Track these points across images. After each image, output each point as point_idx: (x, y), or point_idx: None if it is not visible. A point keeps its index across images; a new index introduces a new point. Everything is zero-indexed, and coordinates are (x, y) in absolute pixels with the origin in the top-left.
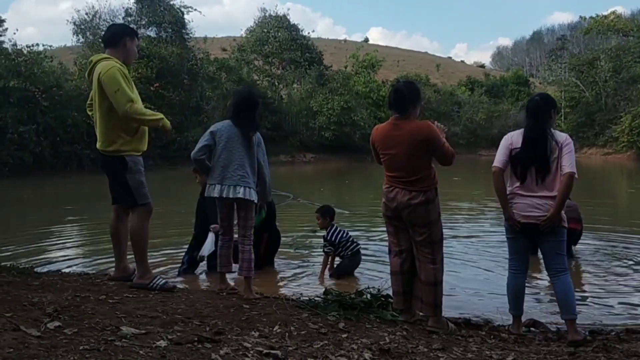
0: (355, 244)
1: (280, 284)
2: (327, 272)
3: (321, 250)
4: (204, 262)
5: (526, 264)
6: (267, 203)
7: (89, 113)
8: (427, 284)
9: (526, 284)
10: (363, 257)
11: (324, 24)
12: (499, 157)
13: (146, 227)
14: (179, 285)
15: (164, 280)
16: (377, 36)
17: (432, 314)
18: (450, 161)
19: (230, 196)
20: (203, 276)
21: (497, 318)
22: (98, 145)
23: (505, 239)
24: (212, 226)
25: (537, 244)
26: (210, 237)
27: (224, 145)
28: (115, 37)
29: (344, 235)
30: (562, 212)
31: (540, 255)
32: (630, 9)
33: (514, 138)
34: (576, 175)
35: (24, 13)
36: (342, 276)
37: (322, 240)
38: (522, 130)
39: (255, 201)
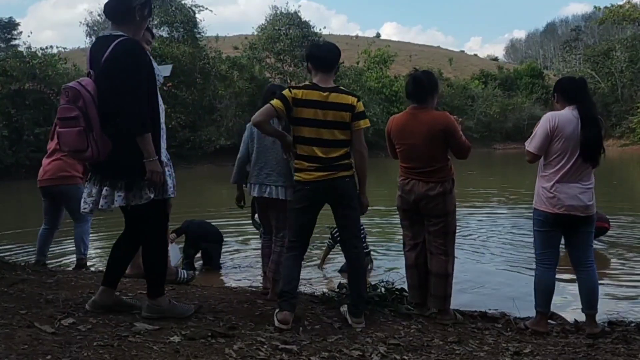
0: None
1: None
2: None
3: (334, 246)
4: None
5: (558, 258)
6: None
7: None
8: (438, 276)
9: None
10: (376, 252)
11: (338, 20)
12: (538, 143)
13: None
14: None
15: (185, 272)
16: (391, 31)
17: (441, 307)
18: (466, 155)
19: (255, 194)
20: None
21: (514, 310)
22: None
23: (534, 232)
24: (169, 236)
25: (568, 236)
26: (171, 247)
27: (253, 142)
28: None
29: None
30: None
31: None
32: None
33: (560, 122)
34: None
35: (42, 17)
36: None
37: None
38: (566, 112)
39: (282, 198)
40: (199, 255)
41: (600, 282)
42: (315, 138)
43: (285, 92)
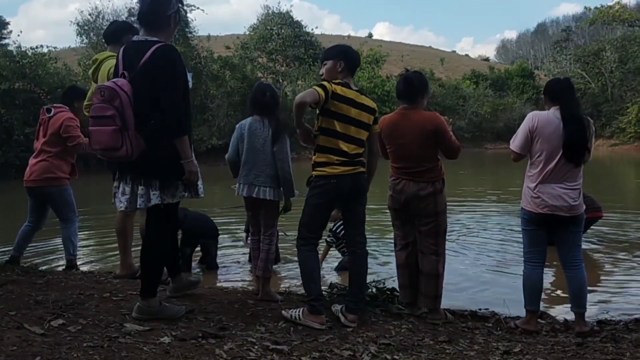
0: None
1: (285, 278)
2: (329, 267)
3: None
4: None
5: (545, 256)
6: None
7: (86, 114)
8: (429, 276)
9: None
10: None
11: (331, 20)
12: (519, 142)
13: None
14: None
15: None
16: (383, 31)
17: (431, 306)
18: (456, 155)
19: (244, 195)
20: (207, 273)
21: (504, 310)
22: None
23: (522, 231)
24: None
25: (555, 235)
26: None
27: (243, 143)
28: (115, 34)
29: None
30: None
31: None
32: None
33: (540, 122)
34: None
35: (33, 16)
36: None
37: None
38: (548, 112)
39: (270, 198)
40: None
41: (589, 281)
42: (344, 133)
43: (326, 84)
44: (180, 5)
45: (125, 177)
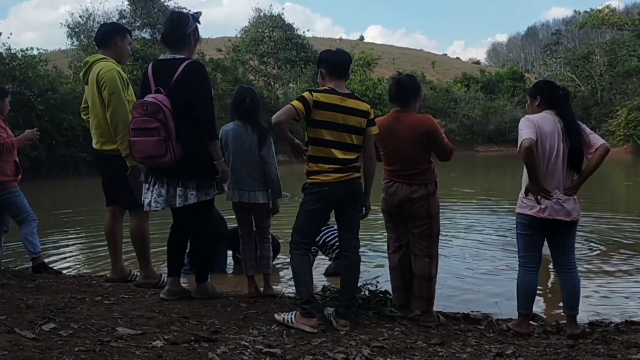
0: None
1: (278, 281)
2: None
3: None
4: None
5: (540, 261)
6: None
7: (84, 117)
8: (422, 278)
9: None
10: (361, 253)
11: (323, 23)
12: (530, 130)
13: (147, 228)
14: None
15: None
16: (375, 34)
17: (424, 308)
18: (449, 157)
19: (236, 200)
20: None
21: (496, 312)
22: (95, 145)
23: (517, 235)
24: None
25: (552, 239)
26: None
27: (228, 148)
28: (105, 37)
29: (333, 237)
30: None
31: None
32: (624, 3)
33: (538, 124)
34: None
35: (23, 18)
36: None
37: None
38: (543, 116)
39: (260, 202)
40: None
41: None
42: (335, 141)
43: (306, 94)
44: (197, 24)
45: (162, 181)
